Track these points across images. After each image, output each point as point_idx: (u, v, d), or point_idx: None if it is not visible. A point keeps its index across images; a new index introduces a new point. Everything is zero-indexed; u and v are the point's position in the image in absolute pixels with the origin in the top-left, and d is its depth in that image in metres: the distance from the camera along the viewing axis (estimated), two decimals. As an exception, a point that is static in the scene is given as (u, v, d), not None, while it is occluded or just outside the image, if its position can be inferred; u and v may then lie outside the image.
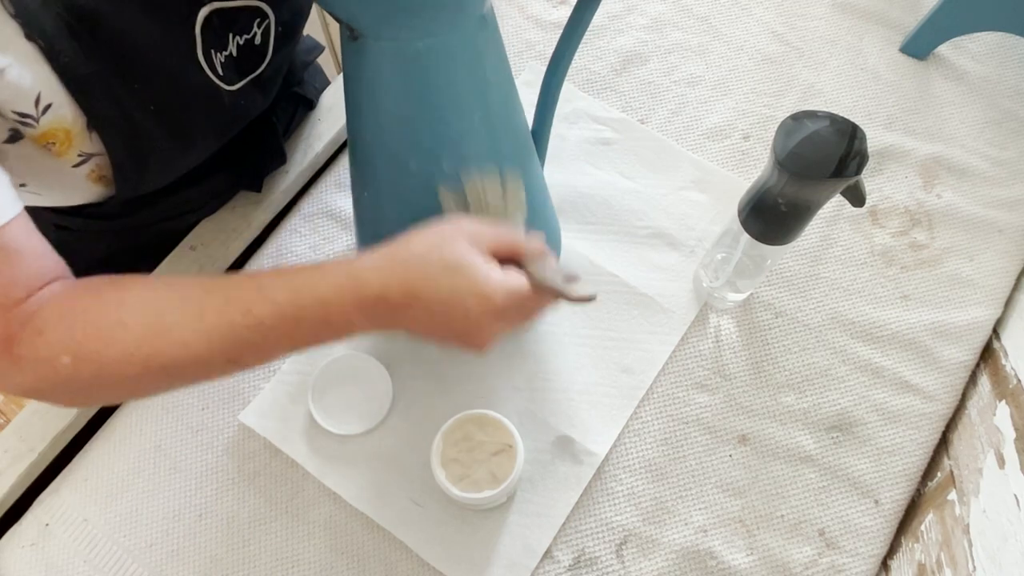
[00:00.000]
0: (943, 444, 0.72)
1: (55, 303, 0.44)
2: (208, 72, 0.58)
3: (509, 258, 0.47)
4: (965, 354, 0.74)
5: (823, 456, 0.70)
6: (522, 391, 0.72)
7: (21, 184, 0.52)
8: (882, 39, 0.90)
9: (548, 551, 0.67)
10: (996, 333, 0.76)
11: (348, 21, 0.49)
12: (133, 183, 0.58)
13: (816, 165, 0.54)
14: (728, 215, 0.74)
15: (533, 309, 0.47)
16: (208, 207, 0.78)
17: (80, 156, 0.53)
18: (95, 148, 0.54)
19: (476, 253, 0.45)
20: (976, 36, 0.90)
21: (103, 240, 0.74)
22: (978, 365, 0.75)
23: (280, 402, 0.72)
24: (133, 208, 0.70)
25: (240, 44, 0.61)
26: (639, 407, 0.72)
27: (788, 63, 0.89)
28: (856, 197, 0.60)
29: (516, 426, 0.64)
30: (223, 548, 0.67)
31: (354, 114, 0.57)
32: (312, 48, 0.85)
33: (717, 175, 0.82)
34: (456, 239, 0.45)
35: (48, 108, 0.49)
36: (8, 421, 1.48)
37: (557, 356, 0.73)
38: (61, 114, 0.50)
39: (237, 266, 0.79)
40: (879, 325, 0.75)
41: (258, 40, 0.62)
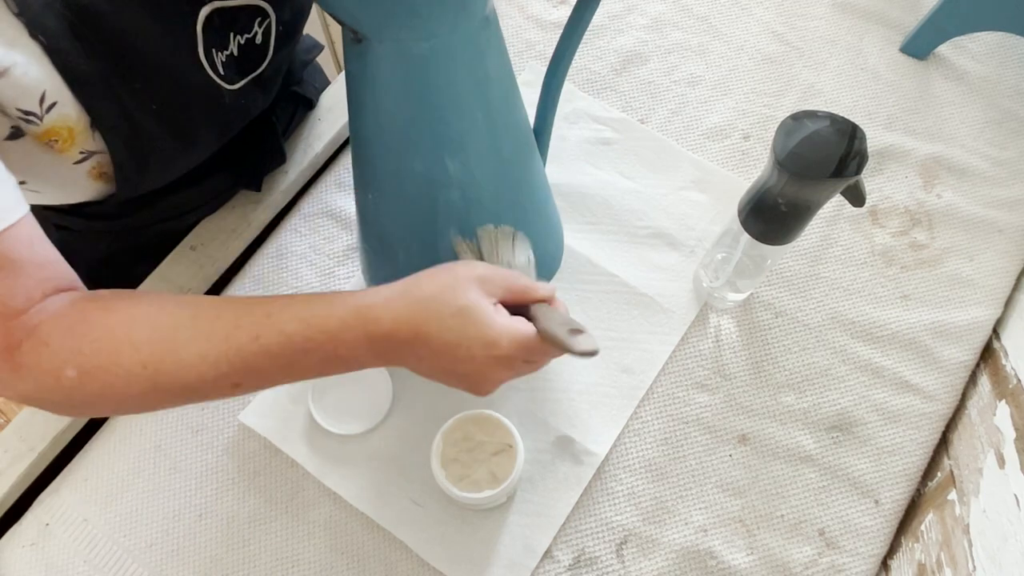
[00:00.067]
0: (943, 444, 0.72)
1: (63, 315, 0.44)
2: (209, 71, 0.58)
3: (519, 305, 0.47)
4: (965, 354, 0.74)
5: (823, 456, 0.70)
6: (522, 391, 0.72)
7: (21, 182, 0.52)
8: (882, 39, 0.90)
9: (548, 551, 0.67)
10: (996, 333, 0.76)
11: (351, 24, 0.49)
12: (134, 182, 0.58)
13: (816, 165, 0.54)
14: (728, 215, 0.74)
15: (539, 358, 0.47)
16: (208, 207, 0.77)
17: (82, 153, 0.53)
18: (97, 146, 0.54)
19: (486, 299, 0.45)
20: (976, 36, 0.90)
21: (103, 240, 0.74)
22: (978, 365, 0.75)
23: (280, 402, 0.72)
24: (133, 208, 0.70)
25: (241, 43, 0.61)
26: (639, 407, 0.72)
27: (788, 63, 0.89)
28: (856, 197, 0.60)
29: (516, 426, 0.64)
30: (223, 548, 0.67)
31: (357, 115, 0.57)
32: (312, 47, 0.85)
33: (717, 175, 0.82)
34: (468, 283, 0.45)
35: (53, 106, 0.49)
36: (8, 421, 1.48)
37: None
38: (65, 112, 0.50)
39: (237, 266, 0.79)
40: (879, 325, 0.75)
41: (259, 39, 0.62)
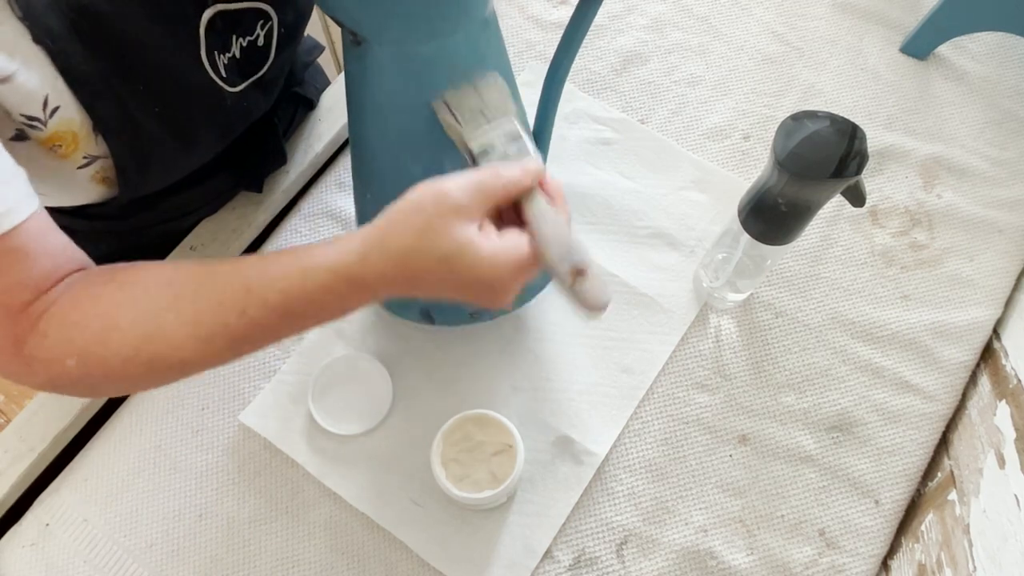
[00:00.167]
0: (943, 444, 0.72)
1: (60, 305, 0.45)
2: (211, 74, 0.58)
3: (506, 204, 0.44)
4: (965, 354, 0.74)
5: (823, 456, 0.70)
6: (522, 391, 0.72)
7: None
8: (882, 39, 0.90)
9: (548, 551, 0.67)
10: (996, 333, 0.76)
11: (352, 27, 0.49)
12: (136, 184, 0.58)
13: (816, 165, 0.54)
14: (728, 215, 0.74)
15: (532, 267, 0.45)
16: (208, 207, 0.78)
17: (85, 158, 0.53)
18: (100, 151, 0.54)
19: (468, 229, 0.42)
20: (976, 36, 0.90)
21: (104, 240, 0.74)
22: (978, 365, 0.75)
23: (280, 402, 0.72)
24: (134, 209, 0.70)
25: (243, 46, 0.61)
26: (639, 407, 0.72)
27: (788, 63, 0.89)
28: (856, 197, 0.60)
29: (516, 426, 0.64)
30: (223, 548, 0.67)
31: (357, 117, 0.57)
32: (312, 48, 0.85)
33: (717, 175, 0.82)
34: (443, 222, 0.42)
35: (56, 111, 0.49)
36: (8, 421, 1.48)
37: (557, 356, 0.73)
38: (68, 117, 0.50)
39: (237, 266, 0.79)
40: (879, 325, 0.75)
41: (261, 42, 0.62)
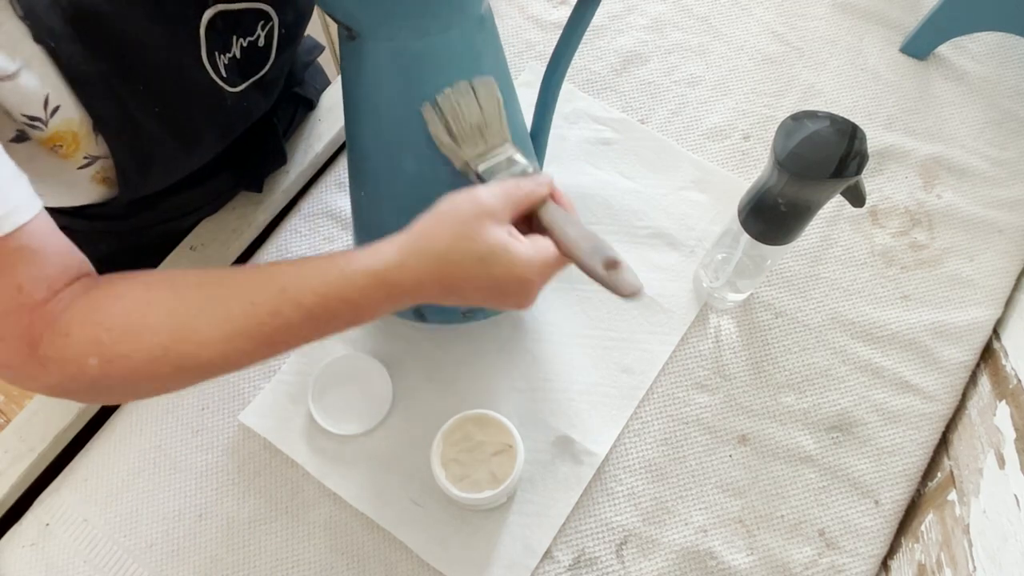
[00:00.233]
0: (943, 444, 0.72)
1: (80, 304, 0.44)
2: (212, 74, 0.58)
3: (527, 213, 0.48)
4: (965, 354, 0.74)
5: (823, 456, 0.70)
6: (522, 391, 0.72)
7: None
8: (882, 39, 0.90)
9: (548, 551, 0.67)
10: (996, 333, 0.76)
11: (346, 21, 0.49)
12: (136, 185, 0.58)
13: (816, 165, 0.54)
14: (728, 215, 0.74)
15: (559, 267, 0.49)
16: (209, 207, 0.78)
17: (86, 158, 0.53)
18: (101, 151, 0.54)
19: (501, 234, 0.45)
20: (976, 36, 0.90)
21: (104, 240, 0.74)
22: (978, 365, 0.75)
23: (280, 402, 0.72)
24: (134, 209, 0.70)
25: (244, 46, 0.61)
26: (639, 407, 0.72)
27: (788, 63, 0.89)
28: (856, 197, 0.60)
29: (516, 426, 0.64)
30: (223, 548, 0.67)
31: (352, 114, 0.57)
32: (312, 48, 0.85)
33: (717, 175, 0.82)
34: (479, 223, 0.45)
35: (56, 111, 0.49)
36: (8, 421, 1.48)
37: (557, 356, 0.73)
38: (69, 117, 0.50)
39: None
40: (879, 325, 0.75)
41: (261, 42, 0.62)
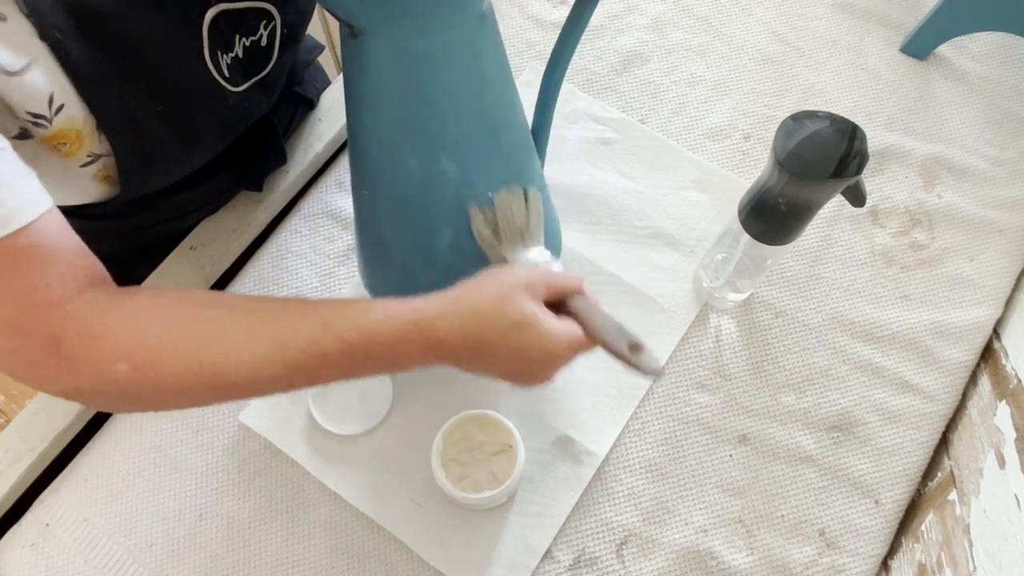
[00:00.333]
0: (943, 444, 0.72)
1: (112, 308, 0.44)
2: (214, 73, 0.58)
3: (557, 300, 0.51)
4: (965, 354, 0.74)
5: (823, 456, 0.70)
6: (522, 391, 0.72)
7: None
8: (882, 39, 0.90)
9: (548, 551, 0.67)
10: (996, 333, 0.76)
11: (347, 19, 0.49)
12: (137, 183, 0.58)
13: (816, 165, 0.54)
14: (728, 215, 0.74)
15: (586, 350, 0.51)
16: (209, 207, 0.78)
17: (88, 157, 0.53)
18: (103, 149, 0.54)
19: (537, 306, 0.49)
20: (976, 36, 0.90)
21: (104, 240, 0.74)
22: (978, 365, 0.75)
23: (280, 402, 0.71)
24: (135, 209, 0.70)
25: (246, 46, 0.61)
26: (639, 407, 0.72)
27: (788, 63, 0.89)
28: (856, 197, 0.60)
29: (516, 426, 0.64)
30: (223, 548, 0.67)
31: (353, 112, 0.57)
32: (313, 48, 0.85)
33: (717, 175, 0.82)
34: (519, 292, 0.48)
35: (61, 109, 0.49)
36: (8, 421, 1.48)
37: (557, 356, 0.73)
38: (73, 115, 0.50)
39: (237, 266, 0.79)
40: (879, 325, 0.75)
41: (264, 42, 0.62)
